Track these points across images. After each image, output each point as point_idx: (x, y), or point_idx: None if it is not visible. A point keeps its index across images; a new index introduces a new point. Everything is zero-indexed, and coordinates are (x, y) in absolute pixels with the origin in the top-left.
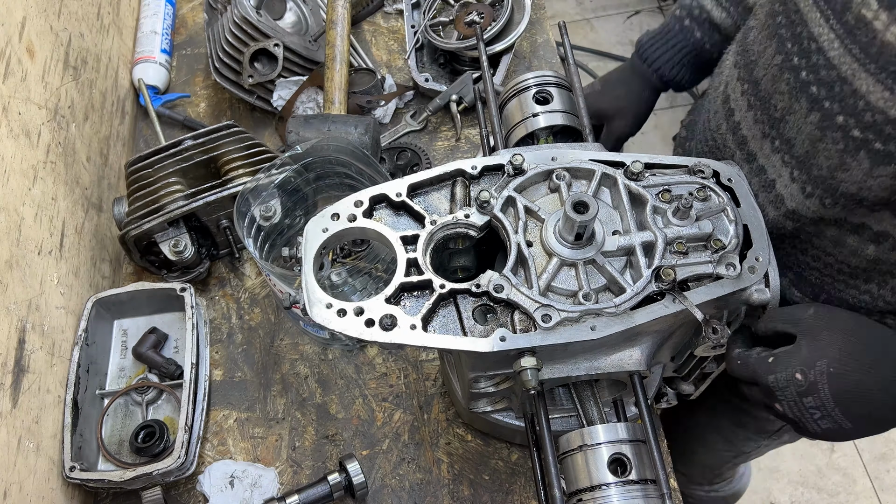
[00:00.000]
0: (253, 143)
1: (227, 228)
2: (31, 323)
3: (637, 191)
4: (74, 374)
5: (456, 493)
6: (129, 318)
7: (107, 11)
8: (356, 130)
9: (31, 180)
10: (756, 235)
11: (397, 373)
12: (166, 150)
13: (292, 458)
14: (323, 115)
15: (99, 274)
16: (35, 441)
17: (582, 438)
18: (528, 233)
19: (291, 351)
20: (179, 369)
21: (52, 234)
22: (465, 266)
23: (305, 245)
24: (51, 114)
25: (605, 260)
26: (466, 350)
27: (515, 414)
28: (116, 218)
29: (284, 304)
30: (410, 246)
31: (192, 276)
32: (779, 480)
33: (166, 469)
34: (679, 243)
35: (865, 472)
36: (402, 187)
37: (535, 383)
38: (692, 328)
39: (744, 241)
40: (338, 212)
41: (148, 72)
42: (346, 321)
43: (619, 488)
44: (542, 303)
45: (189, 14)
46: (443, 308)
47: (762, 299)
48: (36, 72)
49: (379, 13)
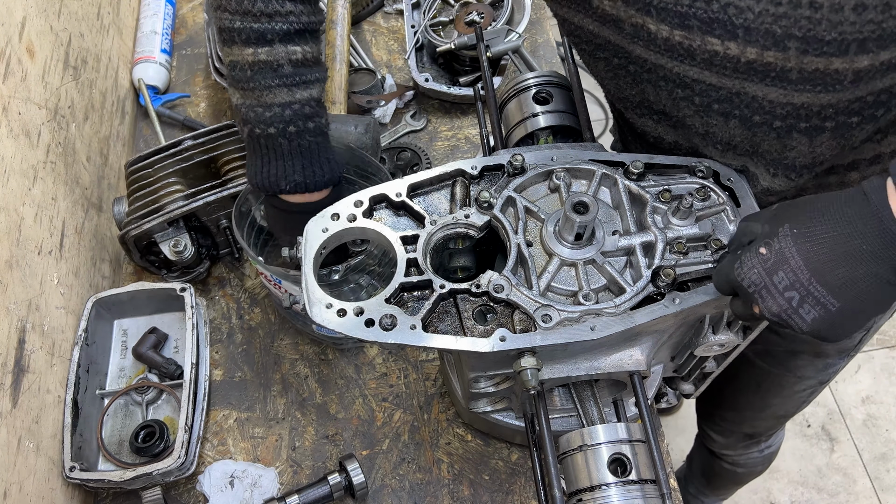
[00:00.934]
0: None
1: (226, 228)
2: (31, 323)
3: (637, 191)
4: (74, 374)
5: (456, 493)
6: (129, 318)
7: (107, 11)
8: (356, 130)
9: (31, 180)
10: None
11: (397, 373)
12: (166, 150)
13: (292, 458)
14: None
15: (99, 274)
16: (35, 441)
17: (582, 438)
18: (527, 233)
19: (291, 351)
20: (179, 369)
21: (52, 234)
22: (465, 266)
23: (305, 245)
24: (51, 114)
25: (605, 260)
26: (466, 350)
27: (515, 414)
28: (116, 218)
29: (284, 303)
30: (410, 246)
31: (192, 276)
32: (779, 480)
33: (166, 469)
34: (679, 243)
35: (865, 471)
36: (402, 187)
37: (535, 383)
38: (692, 328)
39: None
40: (338, 212)
41: (148, 72)
42: (346, 321)
43: (619, 488)
44: (542, 303)
45: (189, 14)
46: (443, 308)
47: None
48: (36, 72)
49: (379, 13)
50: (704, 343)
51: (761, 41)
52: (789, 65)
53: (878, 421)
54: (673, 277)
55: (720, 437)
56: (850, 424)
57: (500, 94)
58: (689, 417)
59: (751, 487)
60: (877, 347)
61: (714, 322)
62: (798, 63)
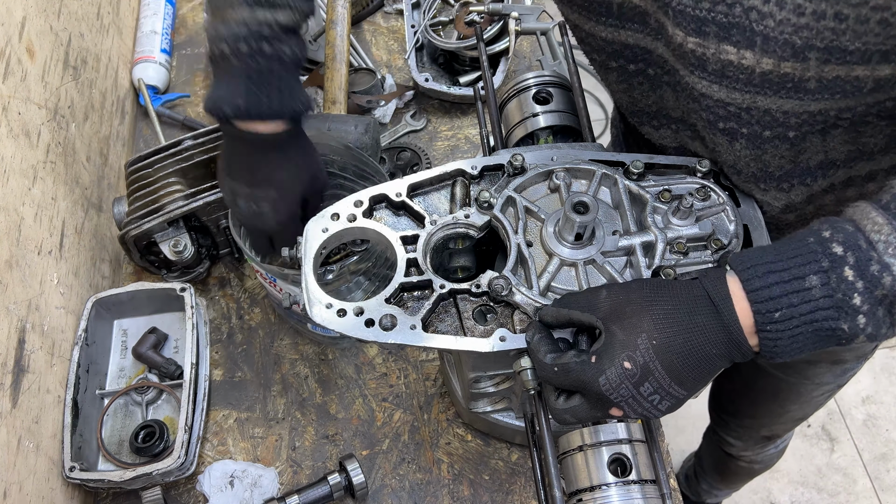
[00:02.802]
0: None
1: (226, 228)
2: (30, 323)
3: (637, 191)
4: (74, 374)
5: (456, 494)
6: (129, 318)
7: (107, 11)
8: (356, 130)
9: (31, 180)
10: (756, 235)
11: (397, 373)
12: (166, 150)
13: (292, 459)
14: (323, 115)
15: (99, 274)
16: (35, 441)
17: (582, 438)
18: (527, 233)
19: (291, 351)
20: (179, 369)
21: (51, 234)
22: (465, 266)
23: (305, 245)
24: (51, 114)
25: (605, 260)
26: (466, 350)
27: (515, 414)
28: (116, 218)
29: (284, 303)
30: (410, 246)
31: (192, 276)
32: (779, 480)
33: (166, 469)
34: (679, 243)
35: (865, 471)
36: (402, 187)
37: (535, 383)
38: None
39: (745, 241)
40: (338, 212)
41: (148, 71)
42: (346, 321)
43: (620, 488)
44: (542, 303)
45: (189, 14)
46: (443, 308)
47: None
48: (36, 72)
49: (379, 13)
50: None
51: (779, 52)
52: (808, 74)
53: (878, 421)
54: (673, 277)
55: (738, 441)
56: (851, 424)
57: (500, 93)
58: (688, 417)
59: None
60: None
61: None
62: (818, 73)
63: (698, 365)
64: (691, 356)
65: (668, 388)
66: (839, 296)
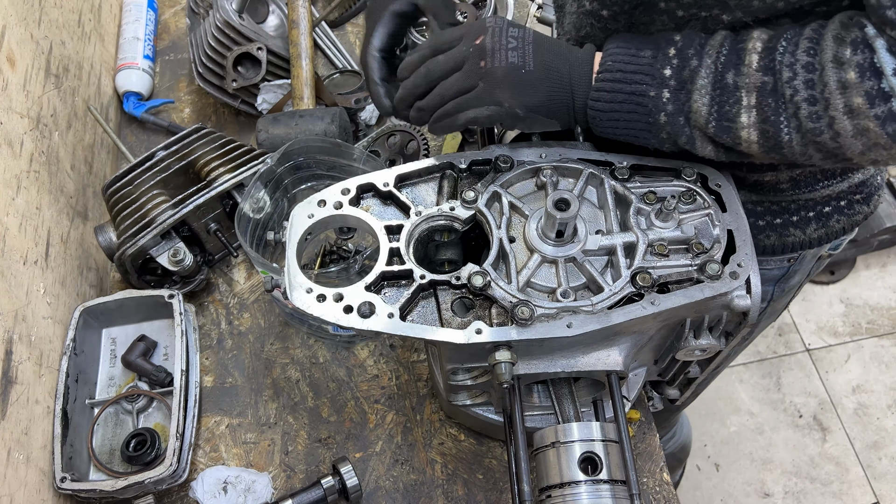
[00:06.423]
0: (226, 140)
1: (216, 231)
2: (17, 334)
3: (622, 191)
4: (63, 385)
5: (450, 493)
6: (118, 327)
7: (88, 18)
8: (323, 122)
9: (15, 190)
10: (740, 241)
11: (389, 374)
12: (141, 165)
13: (285, 463)
14: (290, 112)
15: (86, 283)
16: (25, 452)
17: (556, 435)
18: (511, 228)
19: (282, 355)
20: (169, 376)
21: (37, 244)
22: (451, 259)
23: (290, 230)
24: (33, 123)
25: (586, 259)
26: (442, 341)
27: (495, 409)
28: (103, 245)
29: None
30: (394, 236)
31: (194, 286)
32: (772, 471)
33: (158, 477)
34: (660, 245)
35: (858, 460)
36: (391, 177)
37: (508, 377)
38: (673, 331)
39: (728, 247)
40: (325, 199)
41: (131, 78)
42: (326, 306)
43: (589, 486)
44: (519, 298)
45: (171, 19)
46: (422, 299)
47: (743, 305)
48: (17, 81)
49: (362, 15)
50: (686, 347)
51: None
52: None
53: (868, 409)
54: (652, 279)
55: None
56: (842, 414)
57: None
58: (683, 414)
59: (744, 479)
60: (866, 336)
61: (695, 327)
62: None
63: (554, 57)
64: (552, 48)
65: (527, 42)
66: (657, 66)
